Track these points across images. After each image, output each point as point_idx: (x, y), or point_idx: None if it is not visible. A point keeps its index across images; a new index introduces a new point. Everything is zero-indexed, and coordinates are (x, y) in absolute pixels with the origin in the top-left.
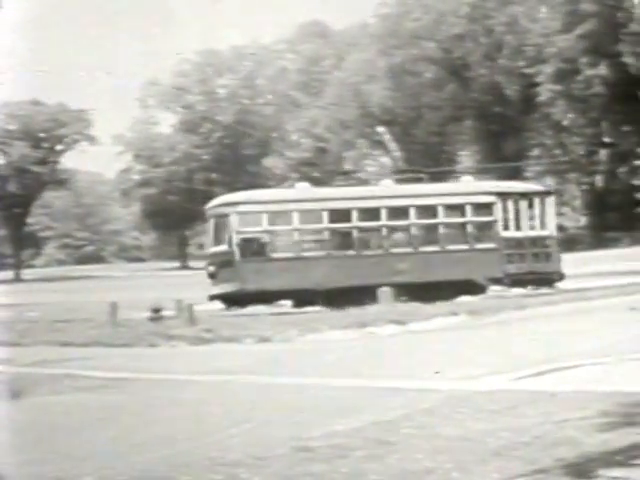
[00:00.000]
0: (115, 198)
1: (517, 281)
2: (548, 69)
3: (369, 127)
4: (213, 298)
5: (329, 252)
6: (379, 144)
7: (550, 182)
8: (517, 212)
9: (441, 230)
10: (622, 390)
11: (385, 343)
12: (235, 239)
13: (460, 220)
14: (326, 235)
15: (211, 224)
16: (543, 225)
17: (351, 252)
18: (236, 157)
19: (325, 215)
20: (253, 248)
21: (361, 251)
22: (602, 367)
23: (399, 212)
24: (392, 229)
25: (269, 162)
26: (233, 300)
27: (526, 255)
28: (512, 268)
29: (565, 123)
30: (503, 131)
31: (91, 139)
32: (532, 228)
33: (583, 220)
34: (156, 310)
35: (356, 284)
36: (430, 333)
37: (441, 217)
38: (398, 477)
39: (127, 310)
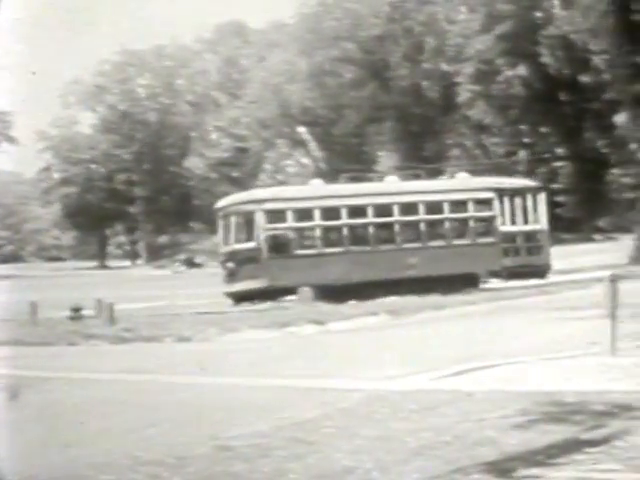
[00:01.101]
0: (35, 197)
1: (512, 274)
2: (468, 69)
3: (289, 127)
4: (232, 295)
5: (348, 248)
6: (299, 144)
7: None
8: (512, 207)
9: (446, 225)
10: (540, 390)
11: (305, 343)
12: (262, 236)
13: (463, 215)
14: (345, 231)
15: (232, 221)
16: (535, 219)
17: (367, 248)
18: (156, 157)
19: (344, 212)
20: (279, 245)
21: (376, 247)
22: (520, 367)
23: (409, 208)
24: (403, 225)
25: (189, 162)
26: (246, 296)
27: (520, 248)
28: (508, 261)
29: (485, 124)
30: (423, 132)
31: (11, 140)
32: (526, 222)
33: None
34: (76, 309)
35: (372, 279)
36: (350, 333)
37: (447, 213)
38: (318, 477)
39: (47, 309)
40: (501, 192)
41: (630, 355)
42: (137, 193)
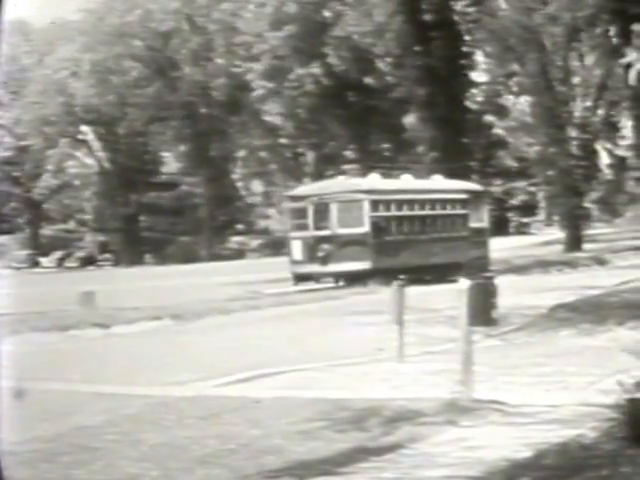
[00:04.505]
0: None
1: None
2: (259, 66)
3: (73, 126)
4: (300, 276)
5: (407, 237)
6: (83, 143)
7: (258, 184)
8: (473, 207)
9: (448, 220)
10: (327, 397)
11: (88, 347)
12: (370, 222)
13: (455, 212)
14: (404, 222)
15: (333, 207)
16: (482, 219)
17: (413, 237)
18: None
19: (405, 205)
20: (380, 231)
21: (417, 236)
22: (308, 373)
23: (433, 204)
24: (429, 218)
25: None
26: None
27: (477, 242)
28: (472, 253)
29: (274, 124)
30: (210, 132)
31: None
32: (478, 221)
33: None
34: None
35: (417, 264)
36: (134, 337)
37: (448, 209)
38: None
39: None
40: (469, 194)
41: (417, 361)
42: None
